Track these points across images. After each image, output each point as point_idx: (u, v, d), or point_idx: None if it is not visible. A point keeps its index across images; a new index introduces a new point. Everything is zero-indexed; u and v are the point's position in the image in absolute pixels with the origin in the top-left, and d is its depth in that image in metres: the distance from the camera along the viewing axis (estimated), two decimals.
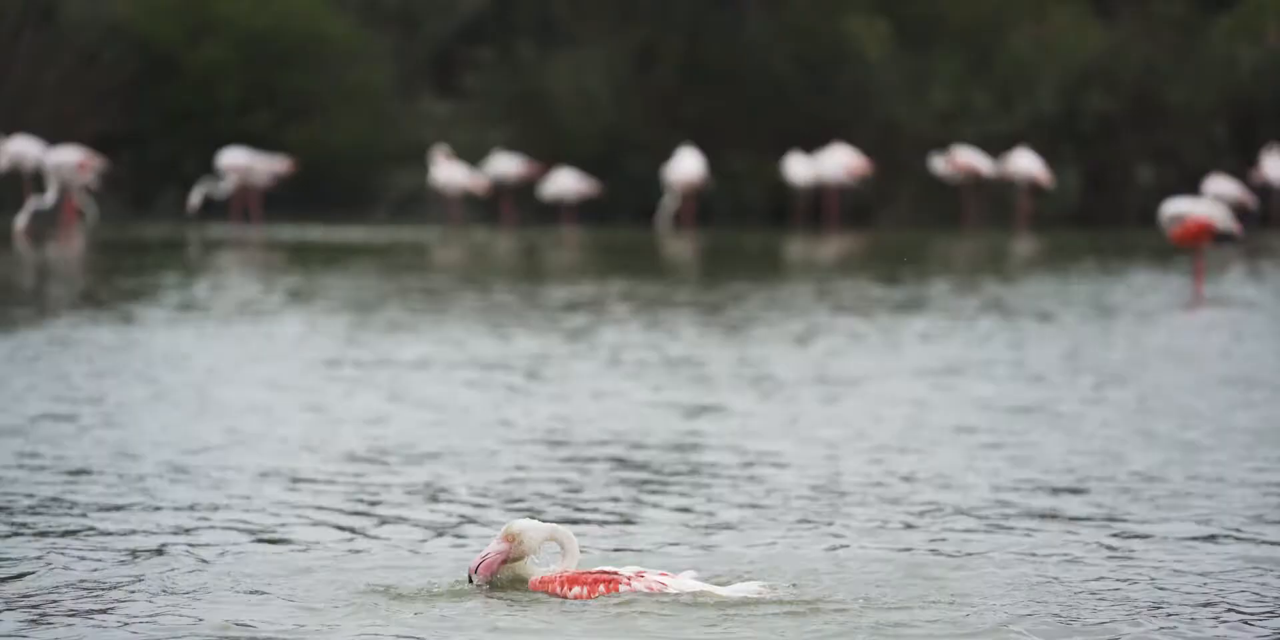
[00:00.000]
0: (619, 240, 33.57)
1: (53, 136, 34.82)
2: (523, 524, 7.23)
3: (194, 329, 16.70)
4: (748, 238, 34.64)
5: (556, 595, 7.11)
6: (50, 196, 30.26)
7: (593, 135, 40.74)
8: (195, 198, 35.62)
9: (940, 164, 36.83)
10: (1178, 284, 22.66)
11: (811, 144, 38.58)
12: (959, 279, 23.36)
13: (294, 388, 13.17)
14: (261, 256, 27.18)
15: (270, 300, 19.48)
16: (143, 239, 31.51)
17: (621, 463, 10.34)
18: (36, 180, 32.87)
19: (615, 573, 7.12)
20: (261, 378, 13.64)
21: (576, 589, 7.11)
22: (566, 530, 7.26)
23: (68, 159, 31.60)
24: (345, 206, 40.75)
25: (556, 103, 40.99)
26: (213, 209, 37.51)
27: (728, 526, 8.66)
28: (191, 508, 8.95)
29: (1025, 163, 36.36)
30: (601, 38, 41.25)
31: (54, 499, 9.09)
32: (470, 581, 7.22)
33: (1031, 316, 18.48)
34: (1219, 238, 21.18)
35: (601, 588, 7.08)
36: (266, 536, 8.36)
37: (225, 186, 35.69)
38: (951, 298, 20.52)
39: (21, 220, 29.16)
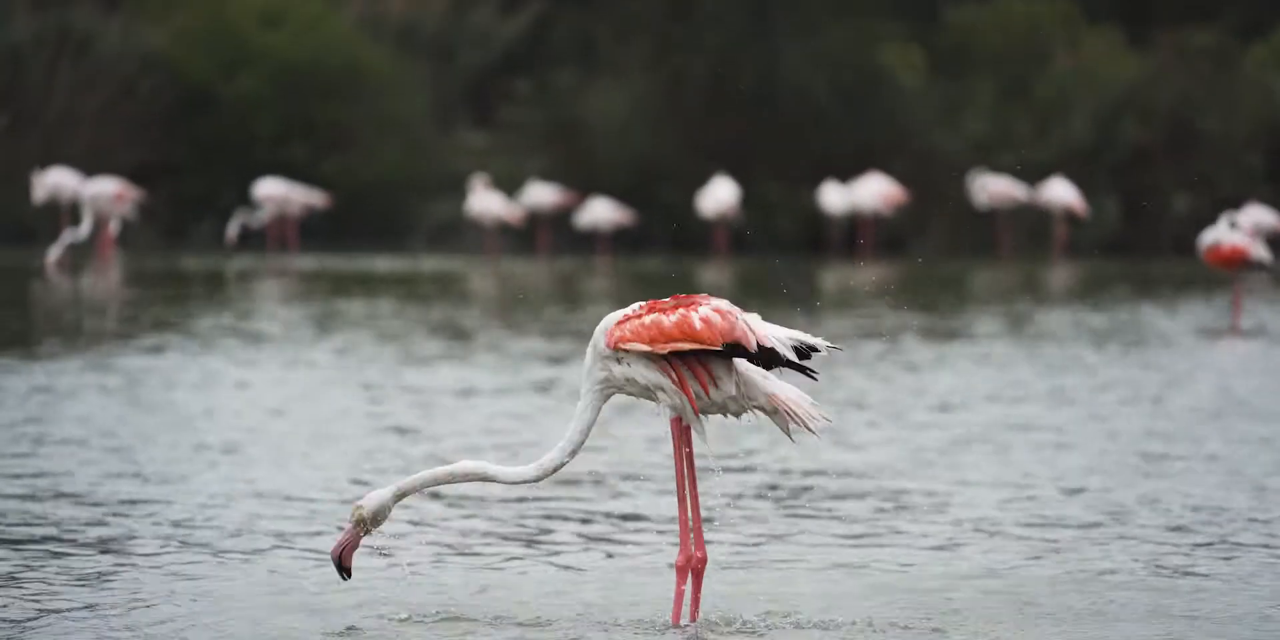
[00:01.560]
0: (654, 269, 33.58)
1: (89, 168, 34.96)
2: (364, 500, 7.15)
3: (227, 358, 16.74)
4: (783, 266, 34.63)
5: (633, 328, 7.08)
6: (85, 228, 30.37)
7: (627, 164, 40.80)
8: (233, 229, 35.73)
9: (980, 195, 36.79)
10: (1216, 314, 22.60)
11: (846, 172, 38.59)
12: (999, 309, 23.33)
13: (328, 414, 13.19)
14: (298, 286, 27.24)
15: (304, 329, 19.52)
16: (179, 269, 31.61)
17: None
18: (73, 212, 33.00)
19: (687, 301, 7.10)
20: (292, 404, 13.67)
21: (654, 316, 7.08)
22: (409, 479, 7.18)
23: (105, 190, 31.71)
24: (382, 236, 40.84)
25: (591, 132, 41.08)
26: (250, 239, 37.62)
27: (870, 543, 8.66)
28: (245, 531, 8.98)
29: (1061, 191, 36.32)
30: (637, 67, 41.33)
31: (101, 523, 9.12)
32: (342, 575, 7.15)
33: (1076, 344, 18.44)
34: (1251, 266, 21.15)
35: (680, 311, 7.05)
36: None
37: (261, 216, 35.79)
38: (998, 328, 20.50)
39: (54, 252, 29.26)
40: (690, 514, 7.12)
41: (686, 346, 7.02)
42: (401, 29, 42.39)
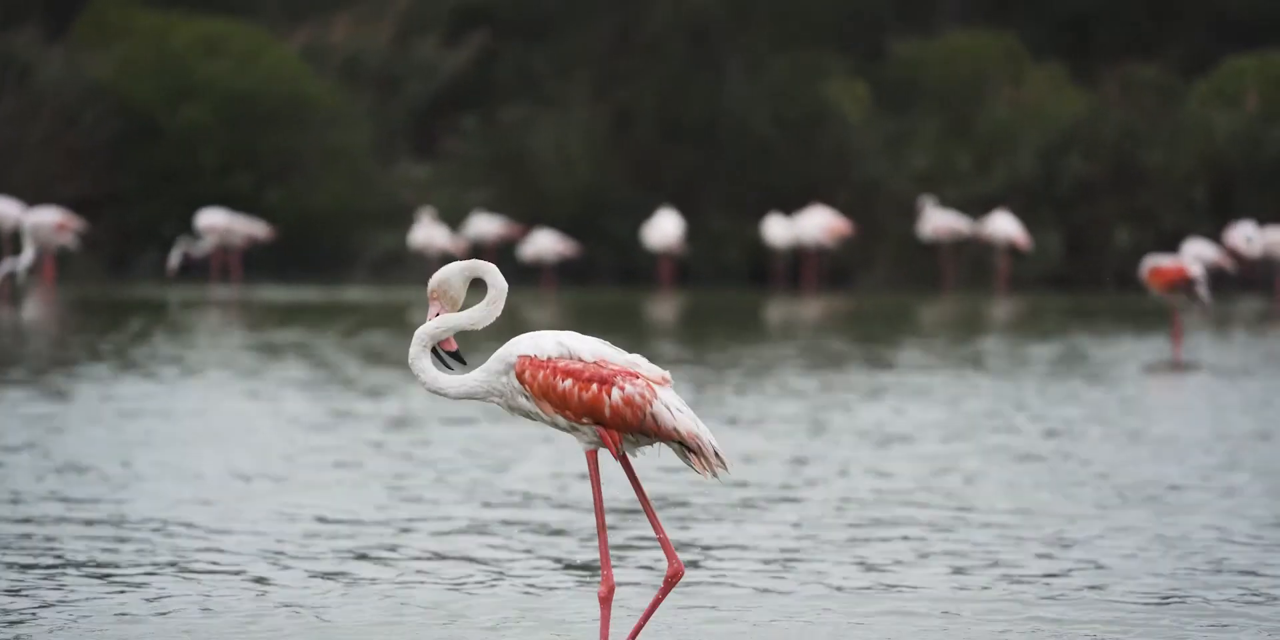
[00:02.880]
0: (599, 301, 33.56)
1: (32, 198, 34.77)
2: (437, 275, 7.13)
3: (166, 386, 16.64)
4: (728, 299, 34.65)
5: (544, 382, 7.01)
6: (26, 258, 30.18)
7: (572, 196, 40.80)
8: (174, 259, 35.56)
9: (925, 227, 36.89)
10: (1156, 347, 22.68)
11: (791, 205, 38.66)
12: (944, 341, 23.36)
13: (265, 447, 13.12)
14: (239, 316, 27.12)
15: (244, 359, 19.43)
16: (121, 299, 31.44)
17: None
18: (15, 241, 32.81)
19: (610, 373, 7.02)
20: (234, 434, 13.59)
21: (568, 382, 7.03)
22: (486, 264, 7.14)
23: (46, 220, 31.54)
24: (325, 267, 40.72)
25: (536, 164, 41.07)
26: (193, 269, 37.44)
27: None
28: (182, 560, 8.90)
29: (1004, 225, 36.45)
30: (581, 100, 41.35)
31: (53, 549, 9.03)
32: (454, 359, 7.06)
33: (1015, 377, 18.47)
34: (1189, 293, 21.19)
35: (594, 388, 7.00)
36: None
37: (203, 246, 35.64)
38: (936, 360, 20.52)
39: None
40: (655, 530, 7.07)
41: (591, 424, 7.01)
42: (345, 60, 42.34)
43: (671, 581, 7.08)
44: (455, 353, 7.15)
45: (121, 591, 8.41)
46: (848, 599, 8.43)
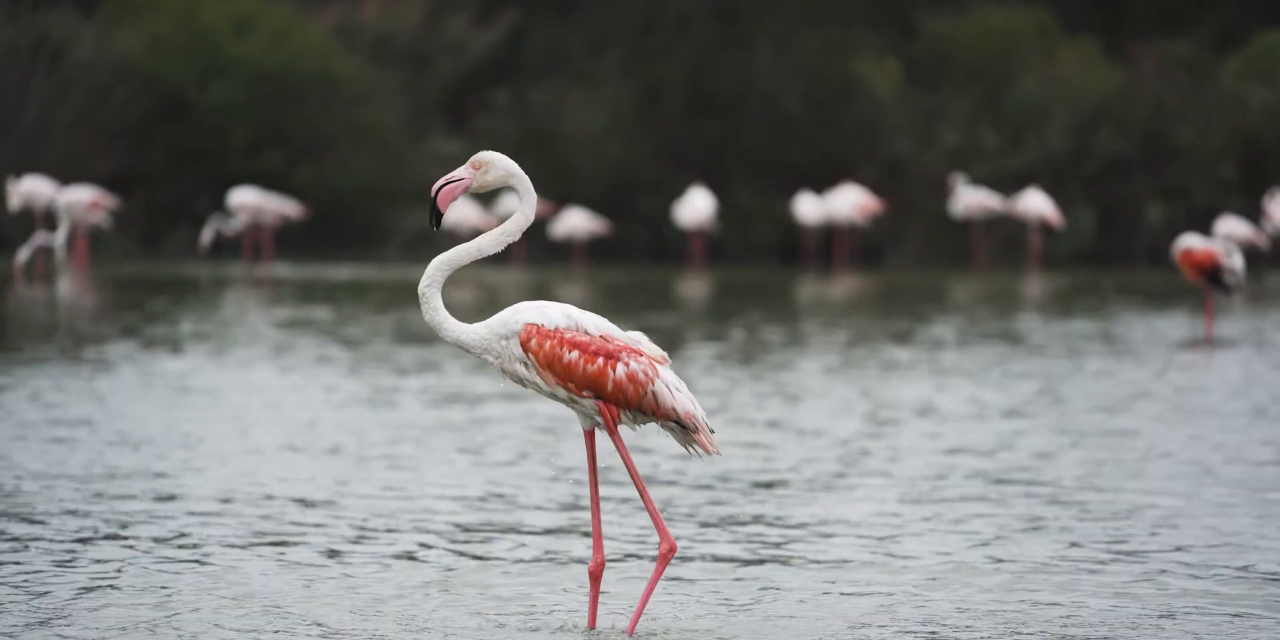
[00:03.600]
0: (630, 278, 33.55)
1: (64, 176, 34.84)
2: (493, 154, 7.10)
3: (197, 363, 16.69)
4: (760, 277, 34.62)
5: (550, 352, 6.99)
6: (60, 235, 30.27)
7: (602, 174, 40.79)
8: (206, 236, 35.63)
9: (957, 204, 36.82)
10: (1188, 323, 22.63)
11: (821, 182, 38.62)
12: (981, 319, 23.34)
13: (298, 421, 13.15)
14: (271, 294, 27.17)
15: (279, 336, 19.47)
16: (153, 277, 31.51)
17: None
18: (48, 219, 32.88)
19: (615, 349, 6.98)
20: (268, 411, 13.63)
21: (574, 354, 7.01)
22: (528, 182, 7.11)
23: (79, 198, 31.60)
24: (357, 245, 40.77)
25: (567, 142, 41.06)
26: (225, 247, 37.52)
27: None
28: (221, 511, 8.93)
29: (1036, 202, 36.37)
30: (611, 77, 41.33)
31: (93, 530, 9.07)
32: (434, 214, 7.05)
33: (1056, 356, 18.44)
34: (1216, 279, 21.12)
35: (600, 362, 6.98)
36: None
37: (235, 224, 35.70)
38: (974, 338, 20.50)
39: (23, 255, 29.15)
40: (648, 507, 7.06)
41: (591, 397, 6.99)
42: (376, 38, 42.35)
43: (666, 558, 7.05)
44: (439, 214, 7.07)
45: (200, 564, 8.45)
46: (963, 573, 8.43)
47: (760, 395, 14.95)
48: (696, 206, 37.04)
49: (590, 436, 7.04)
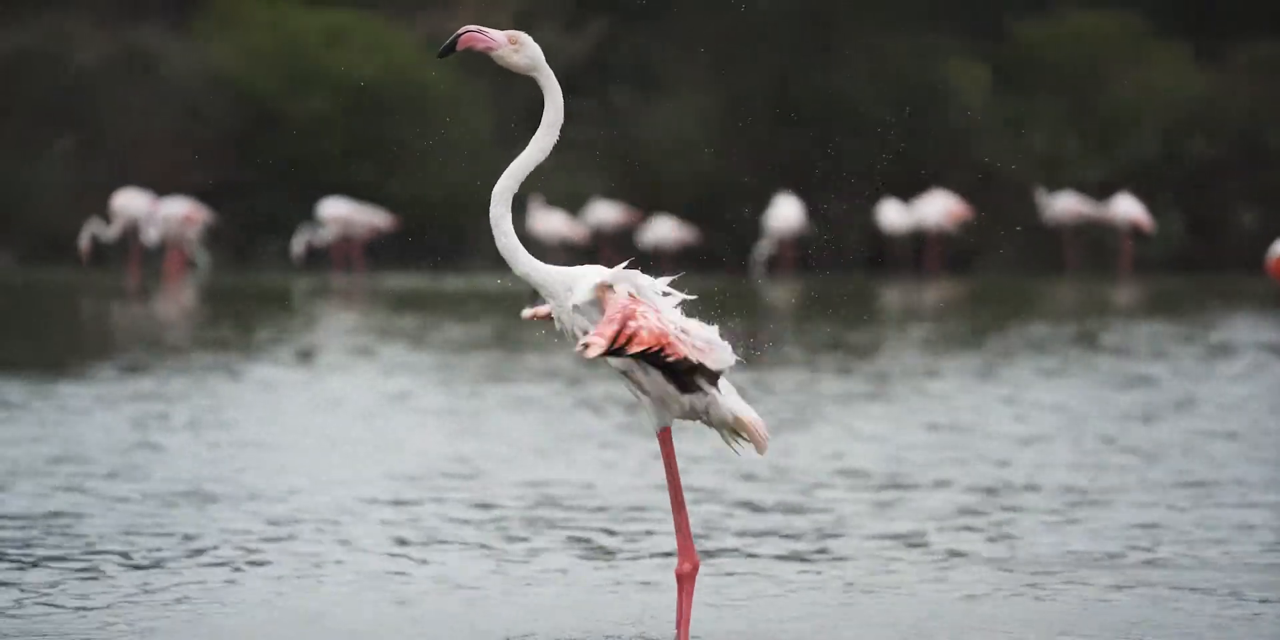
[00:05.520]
0: (719, 287, 33.59)
1: (158, 189, 35.15)
2: (530, 40, 7.01)
3: (295, 374, 16.82)
4: (851, 284, 34.58)
5: (625, 310, 6.88)
6: (152, 238, 30.54)
7: (690, 182, 40.84)
8: (298, 245, 35.89)
9: (1053, 209, 36.67)
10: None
11: (908, 189, 38.56)
12: (1077, 324, 23.26)
13: (390, 429, 13.24)
14: (366, 305, 27.34)
15: (369, 347, 19.59)
16: (247, 288, 31.75)
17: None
18: (141, 232, 33.15)
19: (632, 309, 6.86)
20: (362, 420, 13.73)
21: (647, 321, 6.83)
22: (553, 77, 7.01)
23: (174, 211, 31.90)
24: (447, 254, 40.97)
25: (653, 150, 41.13)
26: (316, 258, 37.76)
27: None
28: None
29: (1127, 207, 36.21)
30: (697, 85, 41.39)
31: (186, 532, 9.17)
32: (447, 47, 6.99)
33: (1144, 359, 18.38)
34: None
35: (614, 327, 6.85)
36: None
37: (325, 235, 35.93)
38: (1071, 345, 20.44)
39: (84, 239, 29.44)
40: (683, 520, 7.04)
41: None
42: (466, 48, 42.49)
43: (688, 577, 6.98)
44: (453, 48, 7.05)
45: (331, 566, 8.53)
46: (1104, 572, 8.45)
47: (872, 400, 14.96)
48: (786, 215, 37.04)
49: (665, 435, 7.04)
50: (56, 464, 11.65)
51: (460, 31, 7.03)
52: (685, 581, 7.02)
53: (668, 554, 9.07)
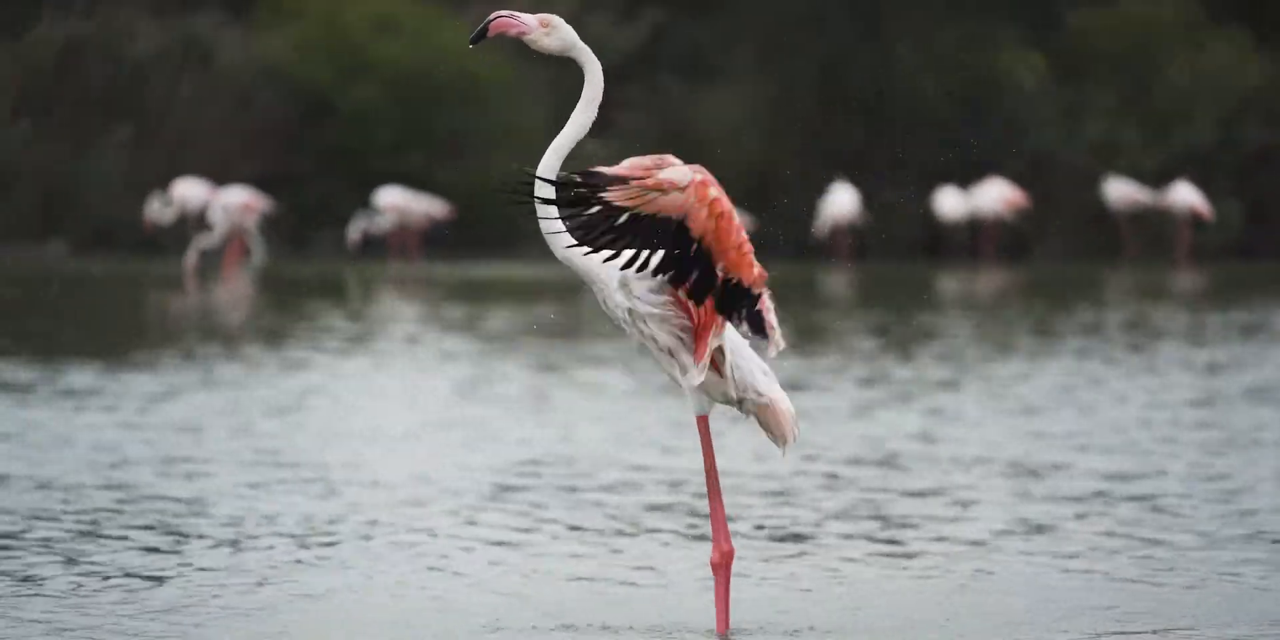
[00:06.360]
0: (776, 275, 33.48)
1: (212, 179, 35.21)
2: (561, 21, 7.01)
3: (357, 362, 16.82)
4: (908, 272, 34.47)
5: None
6: (216, 237, 30.62)
7: (743, 171, 40.74)
8: (354, 232, 35.91)
9: (1112, 193, 36.51)
10: None
11: (963, 177, 38.41)
12: (1139, 311, 23.15)
13: (448, 419, 13.22)
14: (422, 293, 27.34)
15: (424, 337, 19.58)
16: (304, 277, 31.79)
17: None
18: (201, 222, 33.24)
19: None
20: (415, 408, 13.72)
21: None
22: (591, 54, 7.01)
23: (234, 200, 31.94)
24: (502, 244, 40.96)
25: (705, 139, 41.05)
26: (372, 247, 37.78)
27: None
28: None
29: (1185, 195, 36.02)
30: (749, 73, 41.30)
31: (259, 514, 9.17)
32: (478, 34, 6.93)
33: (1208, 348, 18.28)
34: None
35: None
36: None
37: (381, 223, 35.94)
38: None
39: (191, 257, 29.50)
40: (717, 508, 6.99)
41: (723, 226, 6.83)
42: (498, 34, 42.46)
43: (721, 567, 6.94)
44: (484, 34, 7.03)
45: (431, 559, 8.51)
46: (1226, 554, 8.40)
47: (970, 394, 14.89)
48: (841, 203, 36.95)
49: (703, 422, 6.99)
50: (167, 450, 11.64)
51: (491, 17, 7.00)
52: (719, 571, 6.97)
53: (774, 539, 9.02)
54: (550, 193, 6.96)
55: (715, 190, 6.89)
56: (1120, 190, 36.62)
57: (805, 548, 8.87)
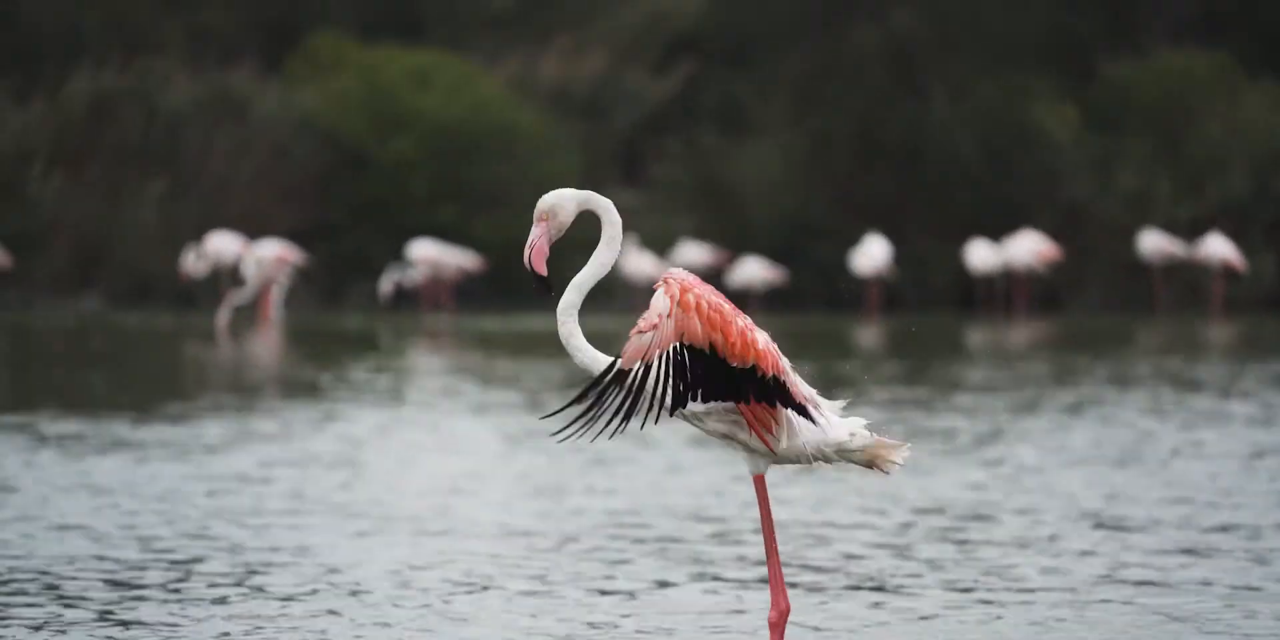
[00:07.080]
0: (809, 327, 33.49)
1: (246, 231, 35.36)
2: (548, 195, 7.00)
3: (388, 415, 16.84)
4: (940, 324, 34.42)
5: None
6: (249, 291, 30.72)
7: (777, 223, 40.80)
8: (386, 285, 36.01)
9: (1146, 245, 36.48)
10: None
11: (996, 229, 38.40)
12: (1177, 365, 23.08)
13: (484, 474, 13.22)
14: (454, 346, 27.38)
15: (462, 389, 19.60)
16: (337, 329, 31.85)
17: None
18: (234, 275, 33.35)
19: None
20: (452, 460, 13.73)
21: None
22: (601, 197, 7.01)
23: (267, 253, 32.06)
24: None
25: (740, 191, 41.13)
26: (404, 298, 37.86)
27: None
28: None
29: (1219, 247, 35.96)
30: (784, 125, 41.38)
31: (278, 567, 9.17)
32: (540, 285, 6.95)
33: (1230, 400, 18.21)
34: None
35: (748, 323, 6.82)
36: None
37: (413, 275, 36.04)
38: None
39: (223, 316, 29.58)
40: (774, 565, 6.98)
41: (725, 337, 6.81)
42: (553, 90, 42.68)
43: (777, 626, 6.92)
44: (544, 279, 7.05)
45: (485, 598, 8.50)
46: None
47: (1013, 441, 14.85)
48: (873, 254, 36.96)
49: (760, 481, 6.99)
50: (235, 501, 11.66)
51: (529, 267, 7.00)
52: (774, 630, 6.97)
53: (846, 588, 9.01)
54: (571, 330, 6.96)
55: (693, 294, 6.82)
56: (1154, 242, 36.58)
57: (885, 598, 8.84)
